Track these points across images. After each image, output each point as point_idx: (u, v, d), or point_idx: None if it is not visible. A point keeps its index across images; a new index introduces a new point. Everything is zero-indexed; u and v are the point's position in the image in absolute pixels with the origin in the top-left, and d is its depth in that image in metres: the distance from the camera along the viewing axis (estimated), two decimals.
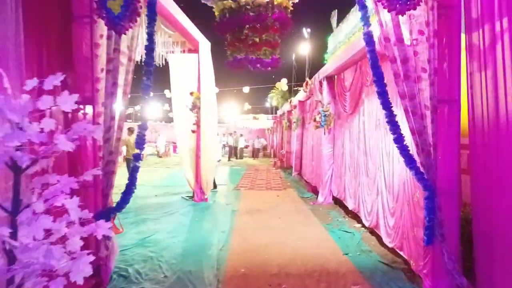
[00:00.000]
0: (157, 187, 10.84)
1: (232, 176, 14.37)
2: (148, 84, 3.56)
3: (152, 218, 6.79)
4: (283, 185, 11.60)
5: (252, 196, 9.62)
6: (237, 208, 7.83)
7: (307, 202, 8.71)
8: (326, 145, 8.46)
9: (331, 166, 8.44)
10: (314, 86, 9.62)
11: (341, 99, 7.59)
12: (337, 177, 8.02)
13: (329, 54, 15.26)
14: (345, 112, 7.42)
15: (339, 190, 7.80)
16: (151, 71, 3.56)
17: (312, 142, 11.15)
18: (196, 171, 8.61)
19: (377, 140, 5.44)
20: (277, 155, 21.45)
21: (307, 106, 12.50)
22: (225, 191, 10.33)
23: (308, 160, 11.85)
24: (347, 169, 7.23)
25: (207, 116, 8.37)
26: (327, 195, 8.42)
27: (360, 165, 6.31)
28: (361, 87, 6.31)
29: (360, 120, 6.37)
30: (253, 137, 32.55)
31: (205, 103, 8.28)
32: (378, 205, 5.28)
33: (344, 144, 7.53)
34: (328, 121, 8.10)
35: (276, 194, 9.88)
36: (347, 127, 7.36)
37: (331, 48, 15.54)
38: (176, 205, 8.11)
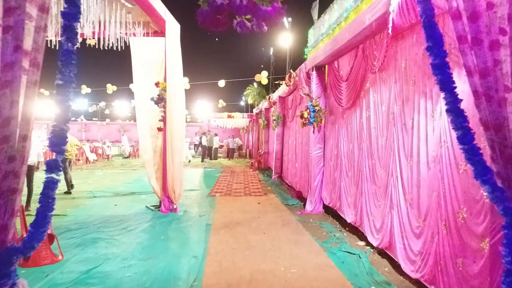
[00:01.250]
0: (118, 195, 9.37)
1: (206, 179, 13.03)
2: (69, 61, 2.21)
3: (105, 237, 5.40)
4: (263, 190, 10.40)
5: (229, 203, 8.36)
6: (212, 221, 6.54)
7: (293, 210, 7.55)
8: (315, 145, 7.33)
9: (321, 170, 7.32)
10: (299, 79, 8.49)
11: (335, 91, 6.47)
12: (329, 183, 6.91)
13: (310, 48, 14.25)
14: (340, 107, 6.31)
15: (332, 198, 6.68)
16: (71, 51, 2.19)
17: (296, 141, 10.02)
18: (162, 176, 7.26)
19: (390, 140, 4.33)
20: (255, 156, 20.27)
21: (289, 102, 11.37)
22: (198, 198, 9.01)
23: (291, 162, 10.71)
24: (343, 173, 6.12)
25: (175, 111, 7.04)
26: (316, 203, 7.29)
27: (363, 169, 5.20)
28: (364, 74, 5.20)
29: (363, 115, 5.26)
30: (228, 136, 31.24)
31: (172, 95, 6.94)
32: (393, 221, 4.17)
33: (338, 144, 6.41)
34: (318, 118, 6.97)
35: (257, 201, 8.67)
36: (342, 124, 6.25)
37: (312, 42, 14.53)
38: (138, 218, 6.72)
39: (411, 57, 3.86)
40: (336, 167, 6.53)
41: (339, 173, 6.34)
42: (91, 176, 13.32)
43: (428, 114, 3.48)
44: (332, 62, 6.72)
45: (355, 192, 5.54)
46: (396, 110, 4.17)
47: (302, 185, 9.02)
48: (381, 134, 4.62)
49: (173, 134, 6.92)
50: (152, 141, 7.46)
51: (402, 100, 4.05)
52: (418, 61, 3.71)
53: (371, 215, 4.86)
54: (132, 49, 7.41)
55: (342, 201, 6.09)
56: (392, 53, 4.31)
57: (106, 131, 41.27)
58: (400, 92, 4.10)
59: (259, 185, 11.36)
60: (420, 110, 3.61)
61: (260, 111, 20.00)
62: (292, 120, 10.76)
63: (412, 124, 3.81)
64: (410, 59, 3.88)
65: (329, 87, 6.96)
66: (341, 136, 6.29)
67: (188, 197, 9.06)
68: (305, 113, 7.10)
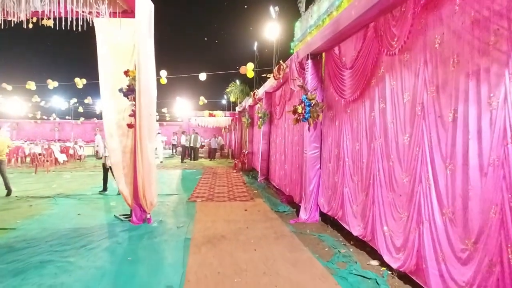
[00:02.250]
0: (85, 200, 8.20)
1: (186, 182, 11.94)
2: None
3: (57, 259, 4.31)
4: (249, 194, 9.43)
5: (211, 210, 7.35)
6: (192, 234, 5.52)
7: (285, 219, 6.62)
8: (310, 145, 6.42)
9: (318, 173, 6.42)
10: (291, 70, 7.57)
11: (336, 82, 5.58)
12: (328, 188, 6.01)
13: (297, 42, 13.40)
14: (342, 99, 5.42)
15: (331, 205, 5.79)
16: None
17: (286, 141, 9.10)
18: (133, 182, 6.18)
19: (417, 137, 3.45)
20: (239, 156, 19.27)
21: (276, 98, 10.45)
22: (176, 204, 7.95)
23: (279, 163, 9.79)
24: (347, 177, 5.22)
25: (146, 105, 5.97)
26: (312, 211, 6.38)
27: (375, 173, 4.31)
28: (376, 59, 4.31)
29: (375, 107, 4.37)
30: (209, 136, 30.11)
31: (143, 86, 5.87)
32: (422, 239, 3.29)
33: (340, 143, 5.52)
34: (314, 113, 6.07)
35: (243, 207, 7.69)
36: (345, 120, 5.36)
37: (299, 35, 13.70)
38: (103, 231, 5.64)
39: (452, 30, 2.98)
40: (336, 169, 5.64)
41: (340, 177, 5.45)
42: (57, 179, 12.02)
43: (483, 102, 2.60)
44: (331, 48, 5.83)
45: (364, 200, 4.65)
46: (427, 99, 3.29)
47: (293, 189, 8.11)
48: (403, 130, 3.73)
49: (144, 131, 5.85)
50: (120, 140, 6.37)
51: (436, 86, 3.17)
52: (463, 34, 2.84)
53: (388, 229, 3.97)
54: (97, 32, 6.30)
55: (346, 210, 5.19)
56: (420, 27, 3.43)
57: (81, 130, 39.32)
58: (433, 77, 3.22)
59: (244, 188, 10.38)
60: (469, 98, 2.73)
61: (243, 109, 19.03)
62: (280, 117, 9.84)
63: (453, 117, 2.93)
64: (450, 33, 3.01)
65: (327, 78, 6.06)
66: (343, 133, 5.40)
67: (164, 203, 8.00)
68: (299, 107, 6.19)
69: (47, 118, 38.14)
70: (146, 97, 5.92)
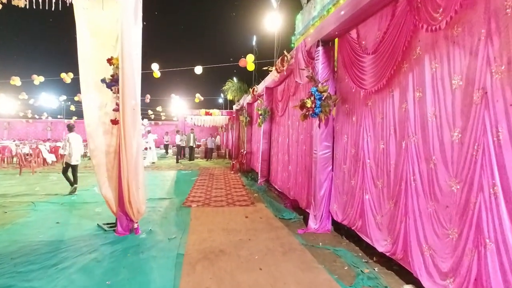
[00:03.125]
0: (68, 206, 7.37)
1: (180, 184, 11.12)
2: None
3: (18, 283, 3.50)
4: (249, 198, 8.64)
5: (208, 217, 6.55)
6: (186, 248, 4.72)
7: (292, 228, 5.84)
8: (321, 144, 5.64)
9: (329, 176, 5.64)
10: (296, 61, 6.79)
11: (353, 71, 4.80)
12: (342, 193, 5.23)
13: (298, 36, 12.65)
14: (361, 90, 4.64)
15: (348, 214, 5.00)
16: None
17: (290, 139, 8.32)
18: (118, 186, 5.38)
19: (475, 133, 2.67)
20: (236, 157, 18.48)
21: (278, 93, 9.66)
22: (169, 210, 7.14)
23: (282, 164, 9.01)
24: (367, 182, 4.44)
25: (132, 98, 5.17)
26: (323, 219, 5.60)
27: (409, 177, 3.53)
28: (409, 38, 3.52)
29: (409, 98, 3.58)
30: (205, 135, 29.28)
31: (127, 76, 5.06)
32: (485, 265, 2.51)
33: (358, 141, 4.74)
34: (326, 107, 5.30)
35: (243, 213, 6.90)
36: (365, 114, 4.58)
37: (300, 29, 12.93)
38: (82, 244, 4.82)
39: None
40: (354, 172, 4.86)
41: (359, 181, 4.67)
42: (42, 181, 11.16)
43: None
44: (347, 32, 5.05)
45: (391, 209, 3.87)
46: (492, 83, 2.51)
47: (299, 193, 7.33)
48: (450, 124, 2.95)
49: (128, 128, 5.05)
50: (104, 139, 5.55)
51: (507, 64, 2.40)
52: None
53: (428, 248, 3.20)
54: (77, 14, 5.47)
55: (367, 220, 4.41)
56: None
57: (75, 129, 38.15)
58: (501, 52, 2.45)
59: (244, 191, 9.59)
60: None
61: (241, 107, 18.24)
62: (283, 114, 9.06)
63: None
64: None
65: (342, 67, 5.28)
66: (363, 130, 4.62)
67: (156, 209, 7.19)
68: (308, 101, 5.42)
69: (38, 117, 37.09)
70: (131, 89, 5.12)
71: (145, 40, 5.50)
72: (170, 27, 52.30)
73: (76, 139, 9.18)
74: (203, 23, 53.49)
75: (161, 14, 46.03)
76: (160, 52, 38.70)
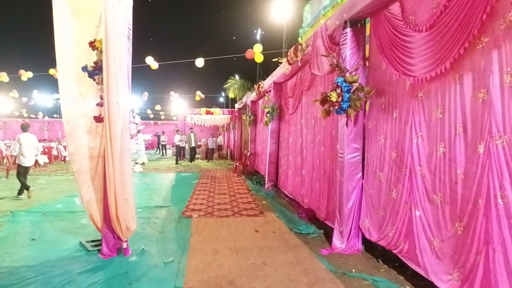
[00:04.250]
0: (51, 216, 6.41)
1: (180, 188, 10.13)
2: None
3: None
4: (257, 206, 7.66)
5: (212, 232, 5.58)
6: (186, 277, 3.75)
7: (313, 246, 4.88)
8: (349, 145, 4.66)
9: (359, 184, 4.67)
10: (315, 49, 5.81)
11: (394, 54, 3.82)
12: (379, 207, 4.25)
13: (307, 28, 11.68)
14: (407, 79, 3.67)
15: (386, 233, 4.03)
16: None
17: (303, 140, 7.35)
18: (104, 197, 4.41)
19: None
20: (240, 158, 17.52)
21: (288, 88, 8.69)
22: (166, 221, 6.17)
23: (294, 167, 8.04)
24: (419, 195, 3.47)
25: (120, 90, 4.20)
26: (352, 237, 4.63)
27: (494, 193, 2.56)
28: (491, 2, 2.56)
29: (491, 84, 2.61)
30: (205, 135, 28.30)
31: (112, 62, 4.09)
32: None
33: (404, 143, 3.77)
34: (356, 101, 4.34)
35: (253, 226, 5.93)
36: (414, 109, 3.61)
37: (309, 20, 11.99)
38: (55, 272, 3.85)
39: None
40: (396, 181, 3.88)
41: (405, 193, 3.69)
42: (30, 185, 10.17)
43: None
44: (385, 7, 4.07)
45: (460, 234, 2.89)
46: None
47: (315, 201, 6.37)
48: None
49: (115, 127, 4.08)
50: (87, 140, 4.57)
51: None
52: None
53: None
54: None
55: (418, 244, 3.43)
56: None
57: None
58: None
59: (250, 198, 8.61)
60: None
61: (244, 105, 17.27)
62: (294, 111, 8.09)
63: None
64: None
65: (377, 51, 4.30)
66: (410, 129, 3.64)
67: (151, 220, 6.22)
68: (333, 94, 4.46)
69: (35, 117, 36.12)
70: (119, 78, 4.15)
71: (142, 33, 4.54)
72: (169, 20, 51.06)
73: (29, 139, 8.52)
74: (204, 16, 52.15)
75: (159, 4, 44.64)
76: (158, 46, 37.52)
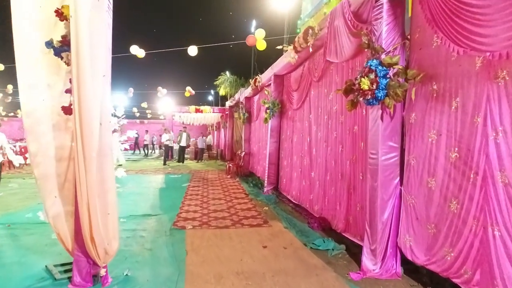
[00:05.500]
0: (17, 229, 5.35)
1: (169, 192, 9.11)
2: None
3: None
4: (259, 213, 6.73)
5: (211, 249, 4.63)
6: None
7: (337, 267, 3.98)
8: (384, 143, 3.77)
9: (396, 191, 3.79)
10: (331, 30, 4.91)
11: (455, 25, 2.93)
12: (427, 221, 3.36)
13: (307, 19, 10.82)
14: (479, 57, 2.79)
15: (440, 255, 3.14)
16: None
17: (311, 137, 6.45)
18: (75, 211, 3.42)
19: None
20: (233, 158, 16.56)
21: (292, 81, 7.78)
22: (155, 235, 5.18)
23: (299, 168, 7.14)
24: (501, 210, 2.59)
25: (96, 71, 3.21)
26: (388, 257, 3.74)
27: None
28: None
29: None
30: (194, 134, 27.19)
31: (82, 36, 3.09)
32: None
33: (471, 140, 2.88)
34: (396, 88, 3.46)
35: (259, 240, 5.00)
36: (489, 96, 2.73)
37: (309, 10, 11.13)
38: None
39: None
40: (457, 190, 2.99)
41: (473, 207, 2.81)
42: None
43: None
44: None
45: None
46: None
47: (330, 210, 5.49)
48: None
49: (89, 121, 3.09)
50: (54, 137, 3.56)
51: None
52: None
53: None
54: None
55: (501, 275, 2.56)
56: None
57: None
58: None
59: (249, 203, 7.67)
60: None
61: (236, 103, 16.34)
62: (300, 106, 7.18)
63: None
64: None
65: (424, 25, 3.42)
66: (484, 122, 2.76)
67: (137, 233, 5.23)
68: (364, 81, 3.59)
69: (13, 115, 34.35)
70: (95, 56, 3.16)
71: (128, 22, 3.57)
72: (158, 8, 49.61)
73: None
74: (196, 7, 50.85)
75: None
76: (144, 37, 36.15)
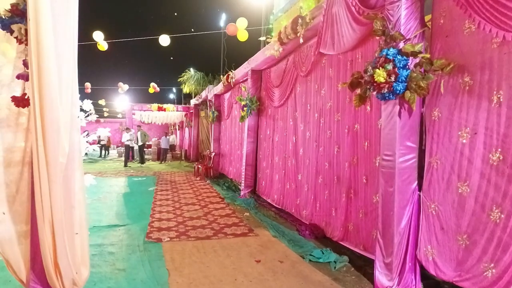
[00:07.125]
0: None
1: (135, 197, 8.24)
2: None
3: None
4: (240, 220, 6.12)
5: (196, 266, 3.98)
6: None
7: (347, 284, 3.50)
8: (401, 143, 3.32)
9: (414, 197, 3.35)
10: (327, 18, 4.44)
11: (499, 4, 2.55)
12: (456, 231, 2.94)
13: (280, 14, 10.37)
14: None
15: (477, 272, 2.72)
16: None
17: (297, 137, 5.97)
18: (31, 230, 2.64)
19: None
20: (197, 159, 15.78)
21: (274, 76, 7.26)
22: (126, 251, 4.42)
23: (282, 170, 6.63)
24: None
25: (61, 50, 2.47)
26: (405, 272, 3.30)
27: None
28: None
29: None
30: (154, 134, 25.93)
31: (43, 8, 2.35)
32: None
33: None
34: (419, 81, 3.04)
35: (249, 253, 4.41)
36: None
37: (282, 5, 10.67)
38: None
39: None
40: (502, 196, 2.60)
41: None
42: None
43: None
44: None
45: None
46: None
47: (322, 215, 5.03)
48: None
49: (54, 113, 2.36)
50: (1, 137, 2.75)
51: None
52: None
53: None
54: None
55: None
56: None
57: None
58: None
59: (227, 209, 7.04)
60: None
61: (203, 101, 15.61)
62: (283, 103, 6.67)
63: None
64: None
65: (453, 8, 3.01)
66: None
67: (104, 250, 4.44)
68: (380, 72, 3.14)
69: None
70: (59, 29, 2.43)
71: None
72: None
73: None
74: None
75: None
76: (107, 25, 34.30)
